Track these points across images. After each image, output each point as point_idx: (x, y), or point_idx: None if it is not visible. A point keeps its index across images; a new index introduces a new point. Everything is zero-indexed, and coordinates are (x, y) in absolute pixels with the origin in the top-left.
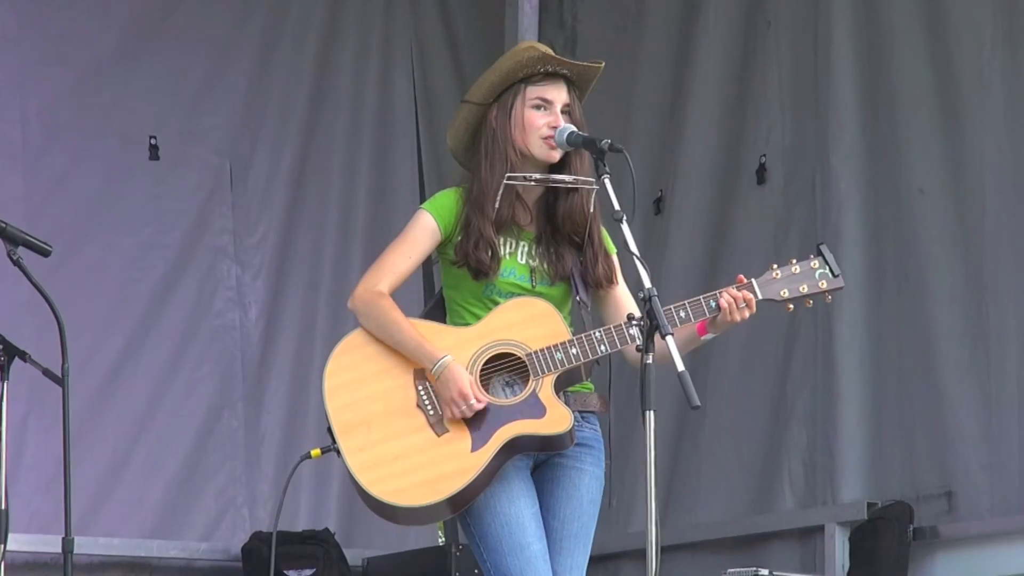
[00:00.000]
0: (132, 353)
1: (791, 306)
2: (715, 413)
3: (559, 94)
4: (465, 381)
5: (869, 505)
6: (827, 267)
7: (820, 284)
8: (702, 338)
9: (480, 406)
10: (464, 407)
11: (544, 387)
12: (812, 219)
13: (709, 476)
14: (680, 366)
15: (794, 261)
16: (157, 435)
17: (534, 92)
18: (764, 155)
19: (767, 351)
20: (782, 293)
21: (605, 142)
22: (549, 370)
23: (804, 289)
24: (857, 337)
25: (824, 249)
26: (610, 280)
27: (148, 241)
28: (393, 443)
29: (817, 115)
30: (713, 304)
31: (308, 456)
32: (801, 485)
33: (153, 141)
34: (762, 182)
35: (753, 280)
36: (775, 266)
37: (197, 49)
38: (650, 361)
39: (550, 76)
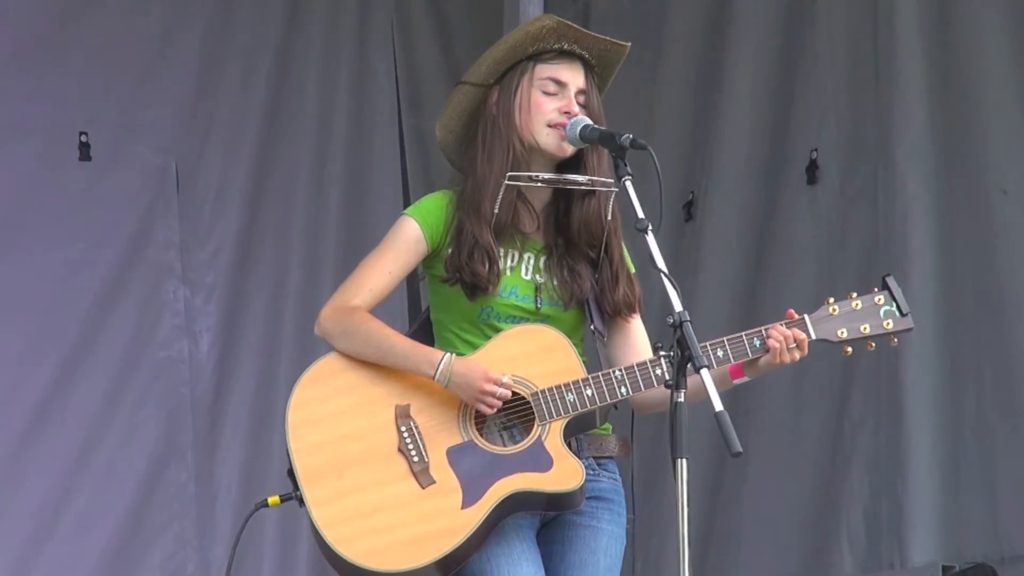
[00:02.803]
0: (59, 392)
1: (849, 349)
2: (759, 458)
3: (574, 76)
4: (483, 367)
5: (945, 569)
6: (894, 303)
7: (885, 324)
8: (734, 382)
9: (511, 383)
10: (499, 391)
11: (551, 434)
12: (873, 225)
13: (753, 533)
14: (718, 405)
15: (854, 295)
16: (90, 491)
17: (545, 71)
18: (815, 150)
19: (821, 383)
20: (840, 333)
21: (626, 137)
22: (558, 414)
23: (866, 329)
24: (928, 366)
25: (891, 281)
26: (631, 308)
27: (78, 257)
28: (369, 493)
29: (878, 101)
30: (758, 343)
31: (264, 505)
32: (863, 544)
33: (84, 138)
34: (813, 181)
35: (806, 316)
36: (831, 300)
37: (136, 27)
38: (681, 399)
39: (565, 55)
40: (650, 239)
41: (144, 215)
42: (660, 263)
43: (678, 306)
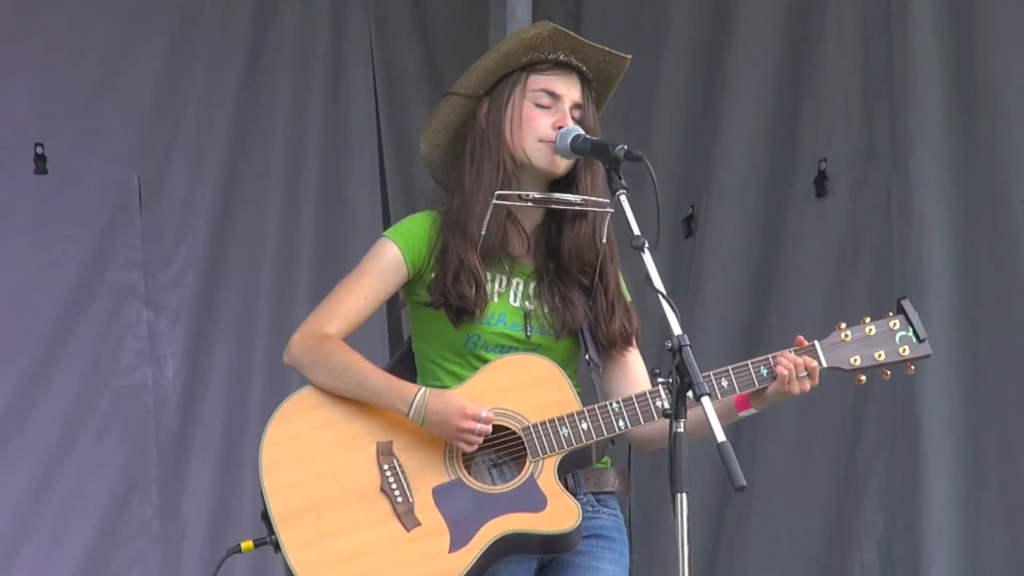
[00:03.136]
0: (13, 423)
1: (863, 377)
2: (765, 492)
3: (570, 89)
4: (460, 401)
5: None
6: (910, 328)
7: (901, 351)
8: (740, 414)
9: (492, 416)
10: (478, 427)
11: (545, 471)
12: (887, 241)
13: (758, 573)
14: (720, 436)
15: (868, 320)
16: (47, 529)
17: (538, 82)
18: (824, 160)
19: (832, 411)
20: (853, 360)
21: (620, 148)
22: (552, 450)
23: (880, 357)
24: (947, 392)
25: (906, 304)
26: (628, 341)
27: (34, 279)
28: (350, 537)
29: (892, 107)
30: (765, 372)
31: (237, 550)
32: None
33: (39, 150)
34: (822, 194)
35: (816, 342)
36: (843, 325)
37: (95, 31)
38: (681, 430)
39: (561, 66)
40: (647, 257)
41: (104, 232)
42: (658, 283)
43: (677, 329)
